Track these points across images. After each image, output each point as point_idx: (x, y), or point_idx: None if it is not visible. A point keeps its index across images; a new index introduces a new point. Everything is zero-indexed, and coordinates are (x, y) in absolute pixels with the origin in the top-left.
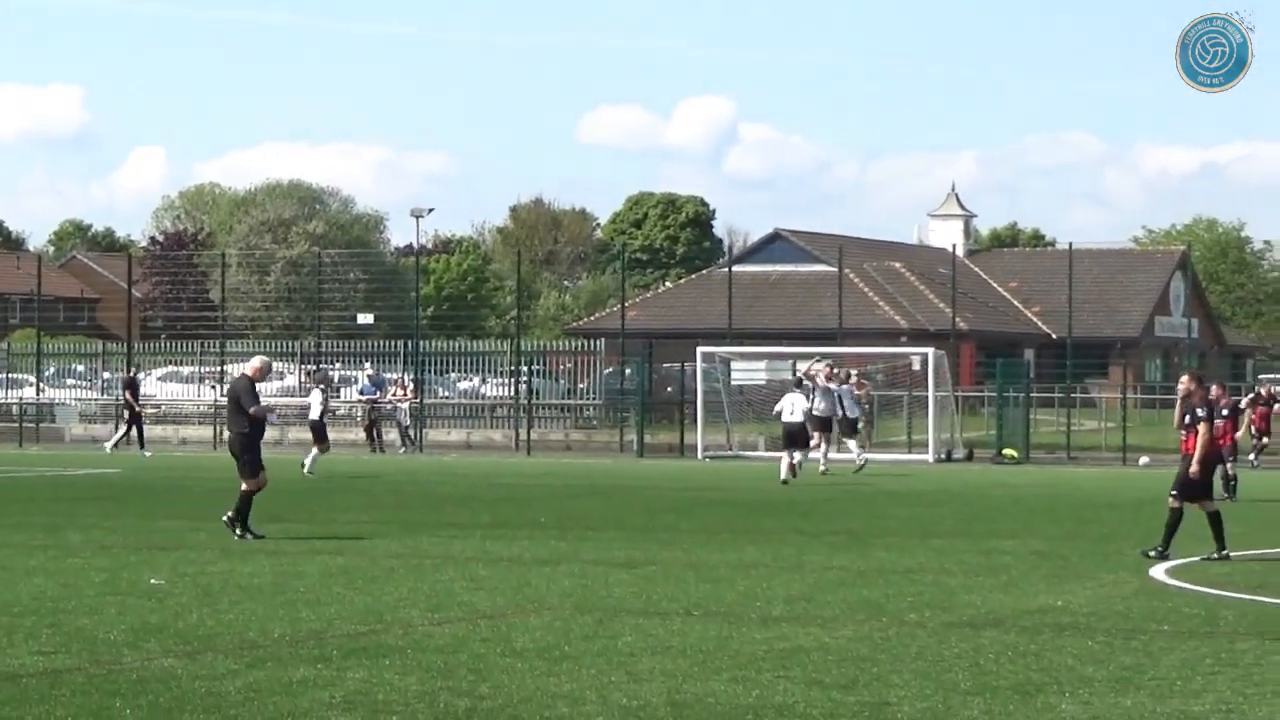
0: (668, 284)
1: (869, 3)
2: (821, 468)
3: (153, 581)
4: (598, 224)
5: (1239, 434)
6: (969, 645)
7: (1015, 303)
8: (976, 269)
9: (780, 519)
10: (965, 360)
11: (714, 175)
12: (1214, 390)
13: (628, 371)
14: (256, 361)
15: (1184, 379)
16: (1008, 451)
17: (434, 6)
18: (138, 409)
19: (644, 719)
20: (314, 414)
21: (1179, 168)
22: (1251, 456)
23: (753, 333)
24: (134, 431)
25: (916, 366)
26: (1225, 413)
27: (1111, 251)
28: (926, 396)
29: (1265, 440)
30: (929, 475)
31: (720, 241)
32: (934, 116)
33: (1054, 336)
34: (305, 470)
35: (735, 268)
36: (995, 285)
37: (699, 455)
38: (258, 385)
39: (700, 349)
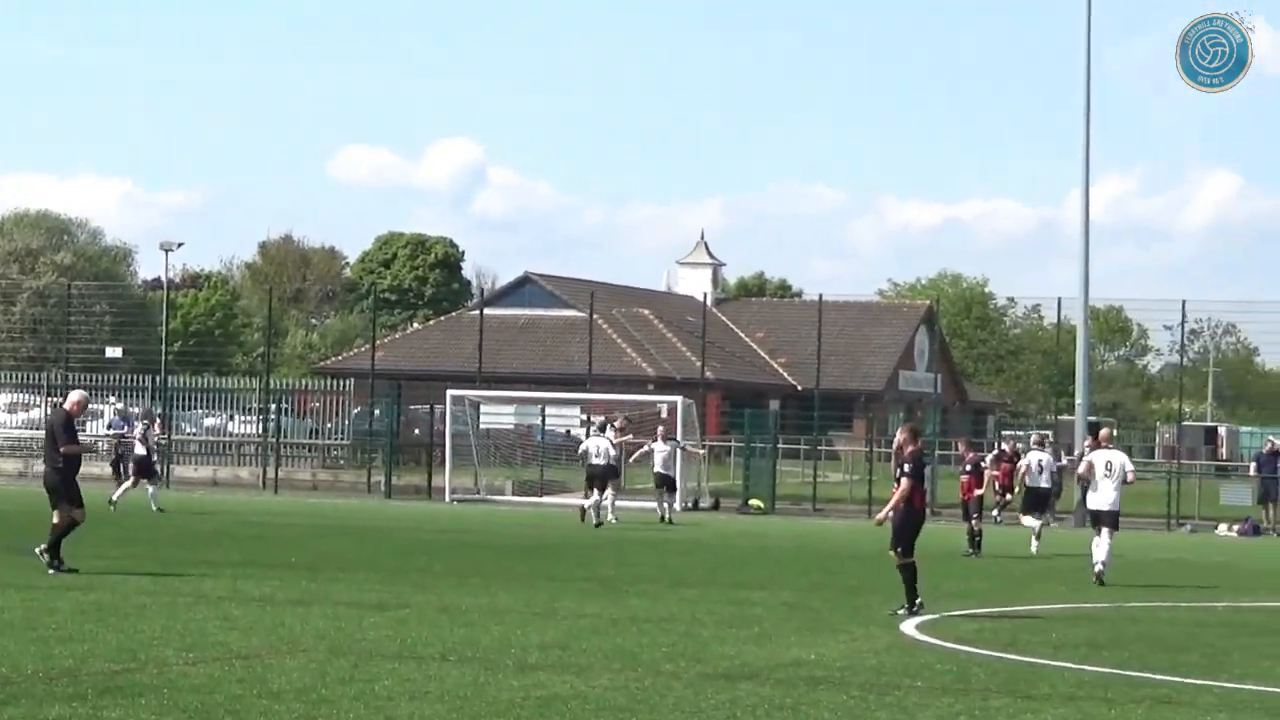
0: (416, 324)
1: (617, 50)
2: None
3: None
4: (347, 263)
5: (982, 490)
6: (725, 698)
7: (762, 353)
8: (724, 318)
9: (531, 564)
10: (711, 409)
11: (462, 217)
12: (961, 447)
13: (376, 412)
14: (75, 396)
15: (900, 431)
16: (754, 502)
17: (184, 38)
18: None
19: None
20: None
21: (922, 222)
22: (995, 512)
23: (502, 376)
24: None
25: (664, 414)
26: (968, 468)
27: (857, 304)
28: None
29: (1009, 496)
30: (676, 523)
31: (469, 283)
32: (680, 165)
33: (799, 387)
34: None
35: (484, 310)
36: (742, 335)
37: (447, 498)
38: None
39: (450, 392)
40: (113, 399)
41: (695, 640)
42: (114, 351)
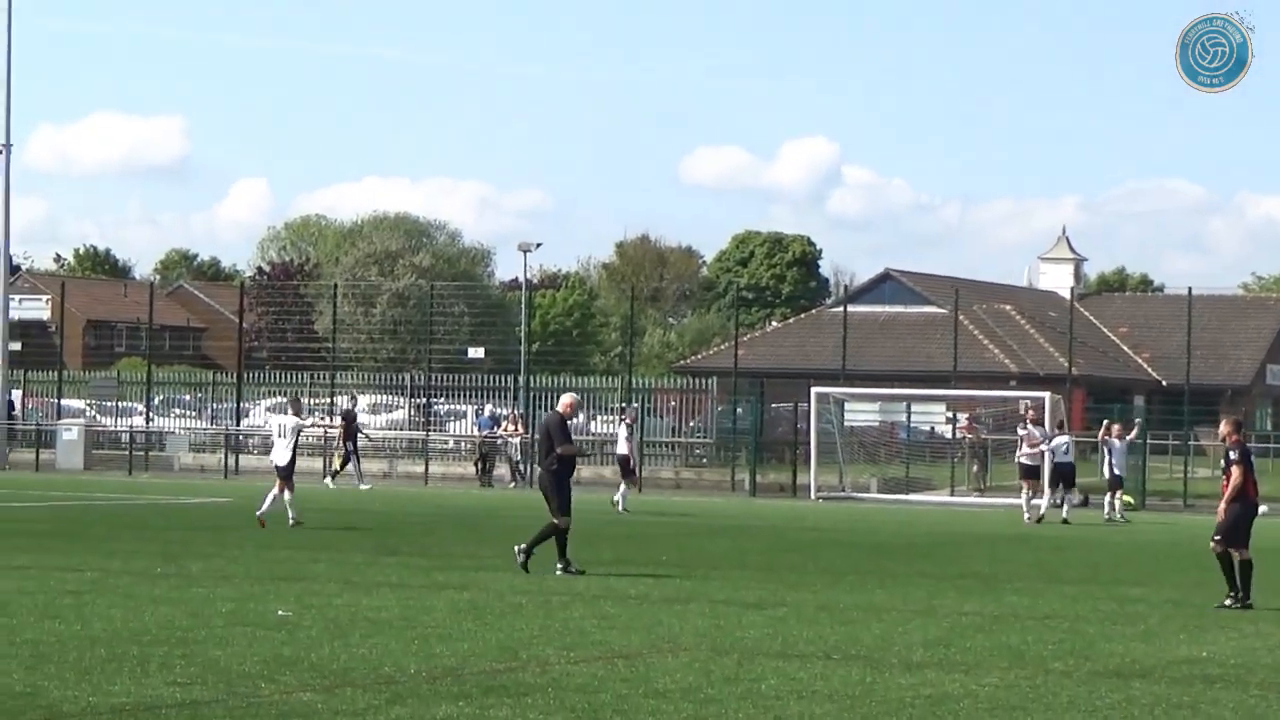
0: (774, 323)
1: (968, 47)
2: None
3: (280, 613)
4: (704, 261)
5: None
6: (1119, 696)
7: (1125, 348)
8: (1086, 313)
9: (903, 561)
10: (1077, 405)
11: (817, 216)
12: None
13: (739, 410)
14: (568, 399)
15: (1223, 423)
16: (1124, 498)
17: (534, 41)
18: (351, 444)
19: None
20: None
21: None
22: None
23: (863, 373)
24: (351, 465)
25: (1024, 411)
26: None
27: (1222, 298)
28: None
29: None
30: (1047, 519)
31: (826, 281)
32: (1035, 161)
33: (1164, 383)
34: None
35: (846, 307)
36: (1105, 330)
37: (811, 495)
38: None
39: (815, 389)
40: (485, 402)
41: (1081, 637)
42: (476, 352)
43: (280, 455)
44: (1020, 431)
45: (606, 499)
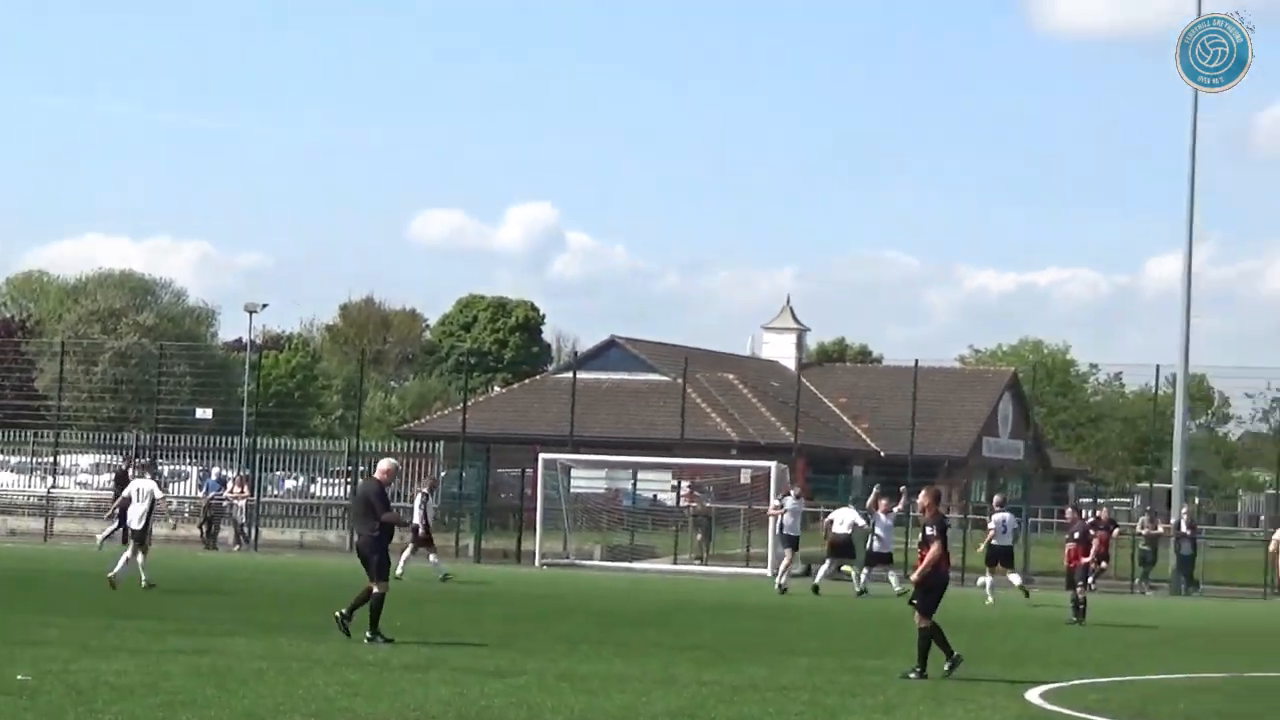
0: (497, 388)
1: (691, 115)
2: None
3: (20, 677)
4: (427, 325)
5: (1089, 558)
6: None
7: (844, 418)
8: (807, 383)
9: (635, 630)
10: (799, 475)
11: (540, 281)
12: (1069, 514)
13: (465, 475)
14: (386, 465)
15: (923, 494)
16: (846, 568)
17: (259, 100)
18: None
19: None
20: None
21: (998, 288)
22: (1090, 580)
23: (588, 440)
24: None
25: (745, 480)
26: (1075, 535)
27: (941, 370)
28: (765, 510)
29: (1104, 565)
30: (771, 589)
31: (549, 347)
32: (756, 230)
33: (882, 453)
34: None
35: (569, 374)
36: (825, 400)
37: (536, 562)
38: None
39: (542, 455)
40: (209, 463)
41: (823, 709)
42: (204, 412)
43: (135, 519)
44: (777, 502)
45: (327, 563)
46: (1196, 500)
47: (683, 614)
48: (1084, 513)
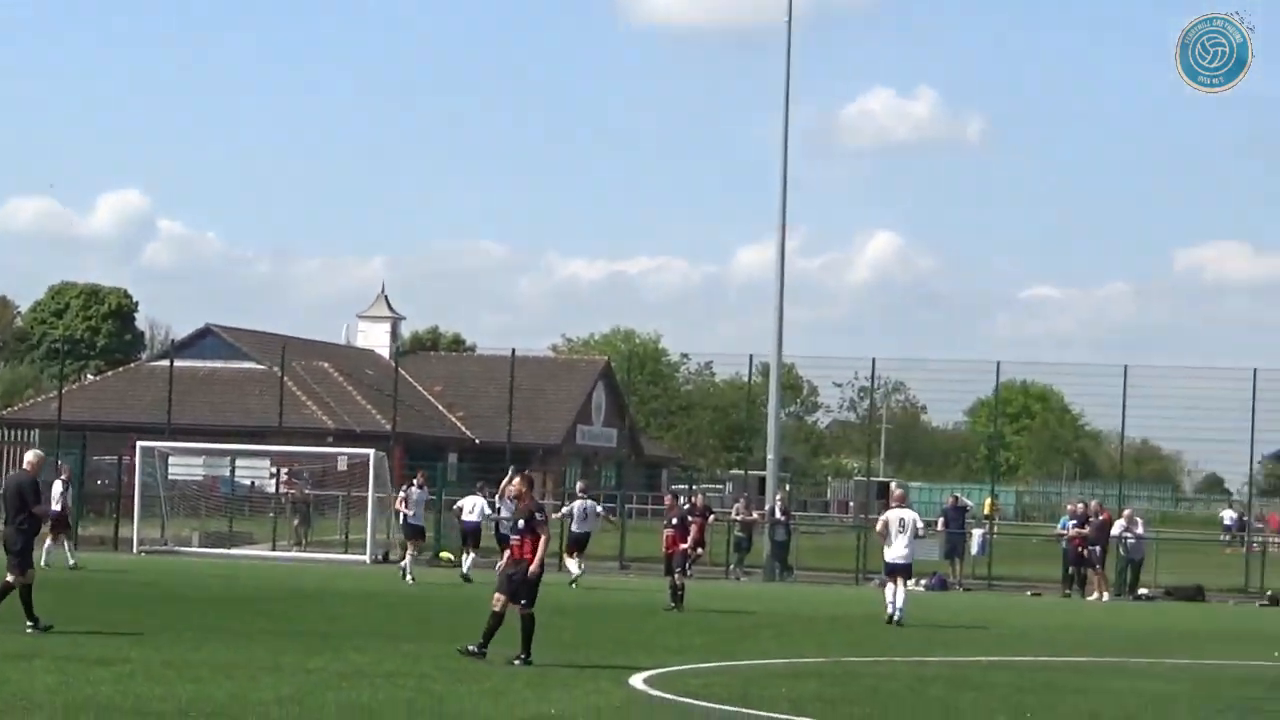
0: (90, 375)
1: (280, 103)
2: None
3: None
4: (19, 311)
5: (688, 544)
6: None
7: (439, 406)
8: (404, 372)
9: (239, 617)
10: (396, 463)
11: (132, 268)
12: (667, 500)
13: (60, 463)
14: (33, 456)
15: (517, 481)
16: (444, 554)
17: None
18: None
19: None
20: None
21: (589, 277)
22: (687, 566)
23: (185, 428)
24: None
25: (343, 467)
26: (674, 522)
27: (535, 359)
28: (362, 497)
29: (701, 551)
30: (369, 576)
31: (143, 335)
32: (349, 218)
33: (477, 440)
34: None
35: (165, 362)
36: (420, 388)
37: (134, 549)
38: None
39: (140, 443)
40: None
41: (430, 695)
42: None
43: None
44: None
45: None
46: (788, 487)
47: (286, 600)
48: (680, 499)
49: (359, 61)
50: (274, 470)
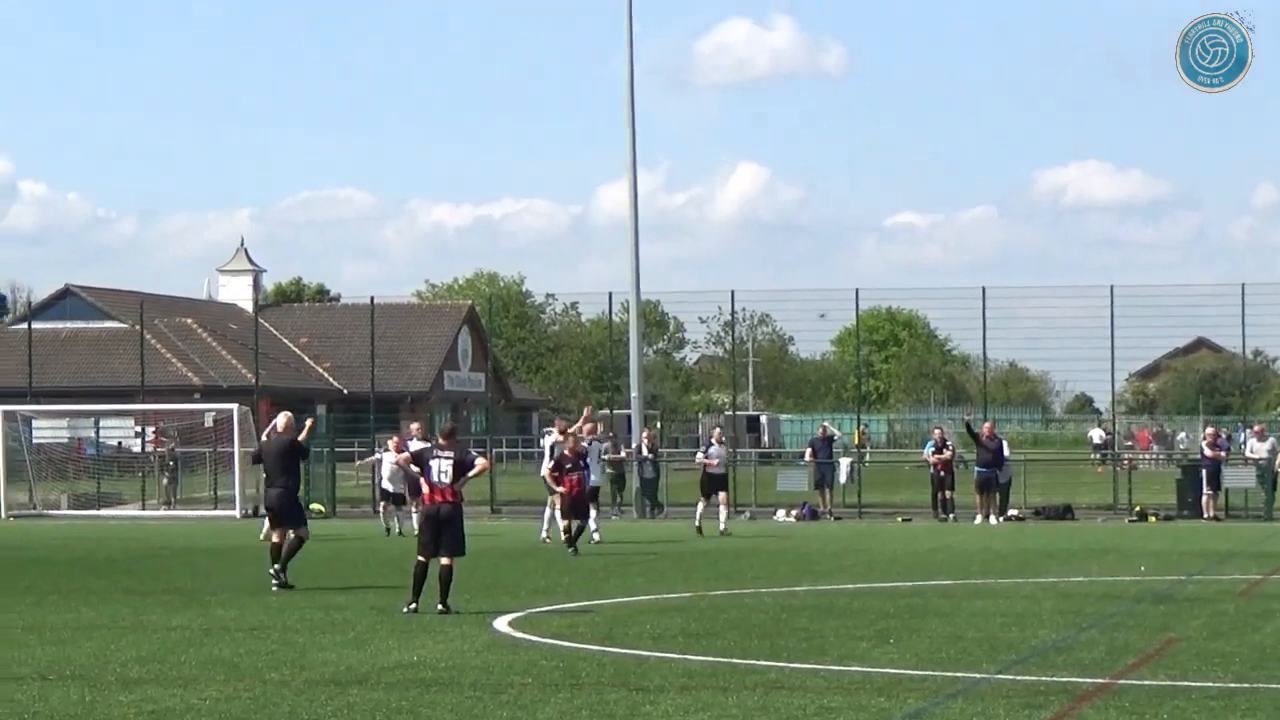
0: None
1: (142, 61)
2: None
3: None
4: None
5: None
6: (340, 703)
7: (306, 358)
8: (268, 325)
9: (105, 578)
10: (262, 416)
11: None
12: (569, 444)
13: None
14: (283, 419)
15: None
16: (315, 506)
17: None
18: None
19: None
20: None
21: (454, 222)
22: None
23: (48, 390)
24: None
25: (209, 423)
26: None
27: (399, 306)
28: (230, 453)
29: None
30: (240, 531)
31: (3, 298)
32: (211, 173)
33: (345, 391)
34: None
35: (24, 325)
36: (286, 341)
37: (2, 514)
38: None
39: (2, 407)
40: None
41: (293, 647)
42: None
43: None
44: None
45: None
46: (658, 424)
47: (152, 559)
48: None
49: (220, 10)
50: (139, 429)
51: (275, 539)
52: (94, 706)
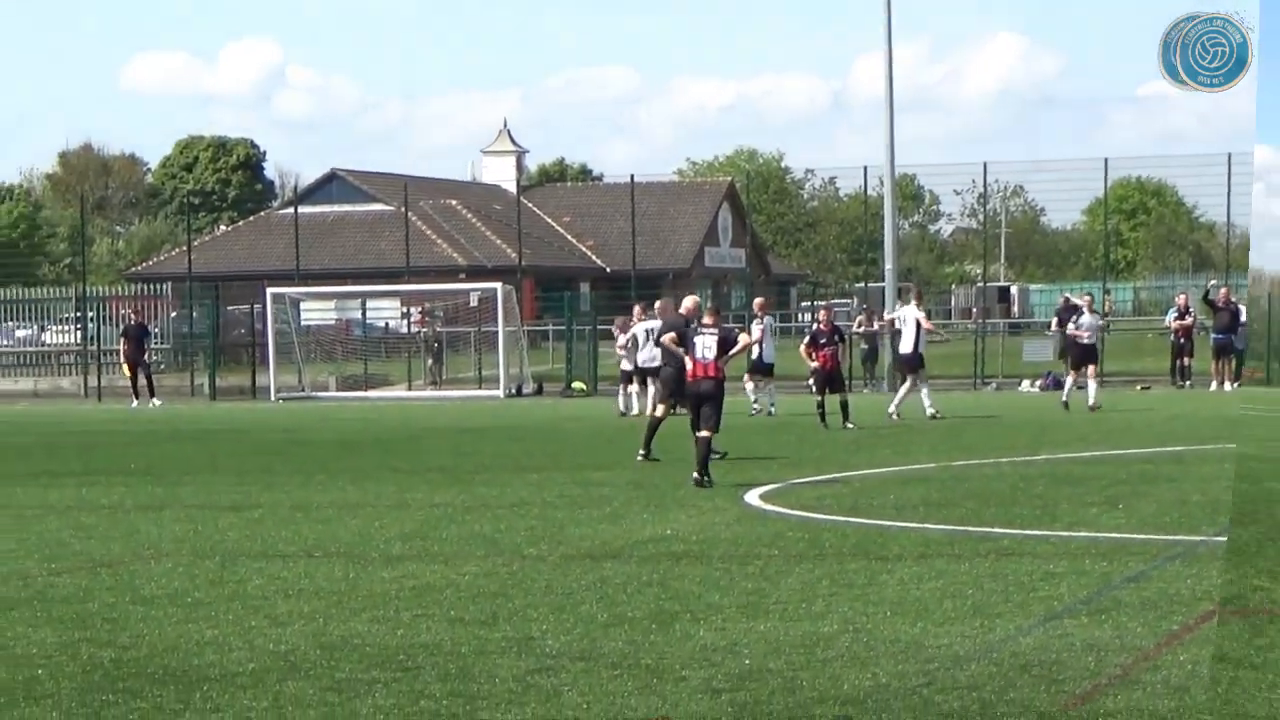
0: (223, 227)
1: None
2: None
3: None
4: (148, 169)
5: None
6: (594, 577)
7: (569, 237)
8: (530, 205)
9: (370, 458)
10: (527, 295)
11: (263, 118)
12: (822, 316)
13: (194, 315)
14: (690, 302)
15: (706, 307)
16: (577, 384)
17: None
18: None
19: (296, 662)
20: None
21: (716, 100)
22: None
23: (316, 273)
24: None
25: (474, 303)
26: (823, 342)
27: (660, 184)
28: (494, 332)
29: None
30: (503, 410)
31: (273, 184)
32: (475, 54)
33: (608, 269)
34: None
35: (292, 210)
36: (549, 220)
37: (272, 397)
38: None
39: (270, 290)
40: None
41: (551, 523)
42: None
43: None
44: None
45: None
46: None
47: (418, 440)
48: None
49: None
50: (405, 310)
51: (660, 414)
52: (357, 583)
